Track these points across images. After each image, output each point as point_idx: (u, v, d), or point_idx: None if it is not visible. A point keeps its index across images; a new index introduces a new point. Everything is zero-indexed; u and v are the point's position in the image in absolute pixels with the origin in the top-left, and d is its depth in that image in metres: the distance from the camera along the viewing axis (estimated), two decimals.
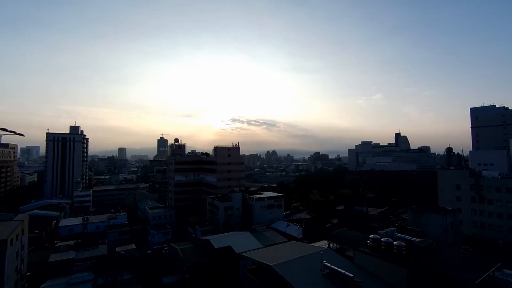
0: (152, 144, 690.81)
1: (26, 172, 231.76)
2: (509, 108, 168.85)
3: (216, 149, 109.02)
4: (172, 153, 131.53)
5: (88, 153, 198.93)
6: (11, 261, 44.49)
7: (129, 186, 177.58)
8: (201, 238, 71.64)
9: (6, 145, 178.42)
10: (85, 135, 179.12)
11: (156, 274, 57.79)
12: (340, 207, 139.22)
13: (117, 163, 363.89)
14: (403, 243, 39.40)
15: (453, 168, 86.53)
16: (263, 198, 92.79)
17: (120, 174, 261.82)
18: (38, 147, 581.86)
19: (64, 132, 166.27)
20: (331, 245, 53.22)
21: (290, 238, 71.17)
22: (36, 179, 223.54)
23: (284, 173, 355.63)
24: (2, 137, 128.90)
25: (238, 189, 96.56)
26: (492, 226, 74.97)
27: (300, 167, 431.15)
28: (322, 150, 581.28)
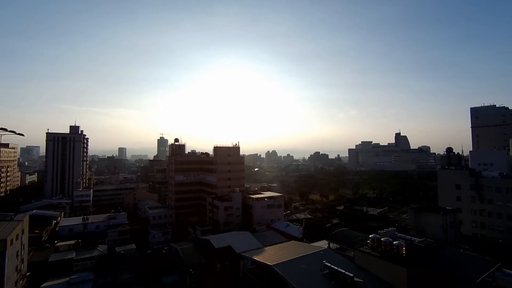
0: (152, 144, 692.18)
1: (26, 172, 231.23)
2: (509, 108, 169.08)
3: (216, 149, 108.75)
4: (172, 153, 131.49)
5: (88, 153, 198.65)
6: (11, 260, 44.49)
7: (129, 186, 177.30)
8: (201, 238, 71.79)
9: (6, 145, 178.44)
10: (85, 135, 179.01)
11: (156, 274, 57.78)
12: (340, 207, 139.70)
13: (117, 163, 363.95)
14: (403, 243, 39.43)
15: (453, 168, 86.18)
16: (263, 198, 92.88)
17: (120, 174, 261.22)
18: (38, 147, 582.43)
19: (64, 132, 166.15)
20: (331, 245, 53.26)
21: (290, 238, 71.24)
22: (36, 179, 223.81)
23: (284, 173, 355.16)
24: (2, 137, 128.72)
25: (238, 189, 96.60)
26: (492, 226, 74.86)
27: (300, 167, 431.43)
28: (322, 150, 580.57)
